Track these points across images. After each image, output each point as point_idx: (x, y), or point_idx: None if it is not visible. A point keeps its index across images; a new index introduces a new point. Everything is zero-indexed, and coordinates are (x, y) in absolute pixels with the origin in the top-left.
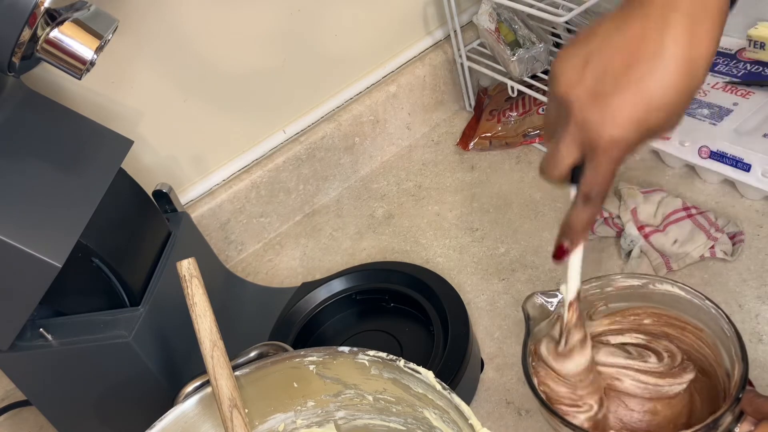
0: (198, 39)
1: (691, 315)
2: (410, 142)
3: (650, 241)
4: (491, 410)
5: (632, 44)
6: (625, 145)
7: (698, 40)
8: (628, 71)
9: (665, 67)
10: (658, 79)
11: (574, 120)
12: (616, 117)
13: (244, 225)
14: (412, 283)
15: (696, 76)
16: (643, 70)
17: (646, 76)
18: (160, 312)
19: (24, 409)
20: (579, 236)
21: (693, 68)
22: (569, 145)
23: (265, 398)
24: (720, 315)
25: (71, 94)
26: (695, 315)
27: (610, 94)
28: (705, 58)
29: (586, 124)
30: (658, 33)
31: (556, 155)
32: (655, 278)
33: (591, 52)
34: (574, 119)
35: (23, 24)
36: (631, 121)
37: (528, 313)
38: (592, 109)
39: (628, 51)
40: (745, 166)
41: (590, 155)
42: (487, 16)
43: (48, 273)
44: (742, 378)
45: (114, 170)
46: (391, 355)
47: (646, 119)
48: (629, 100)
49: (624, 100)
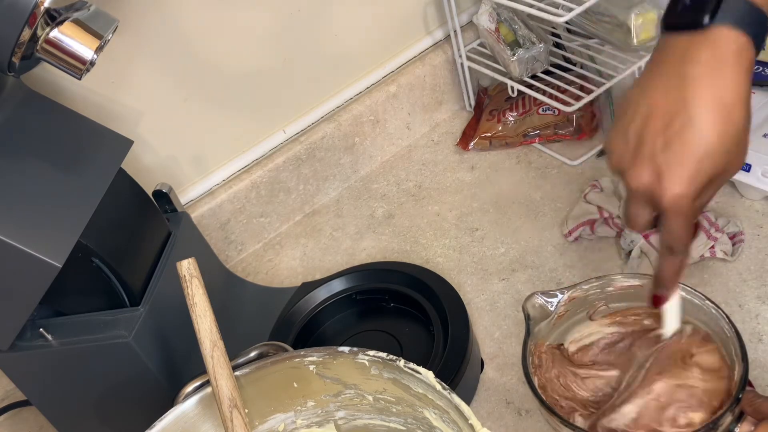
0: (198, 39)
1: (692, 315)
2: (410, 142)
3: (650, 241)
4: (491, 410)
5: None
6: (689, 198)
7: (722, 85)
8: (664, 132)
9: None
10: (693, 132)
11: (631, 188)
12: (668, 175)
13: (244, 225)
14: (412, 283)
15: (731, 118)
16: (676, 127)
17: (681, 131)
18: (160, 312)
19: (24, 409)
20: (671, 285)
21: (725, 112)
22: (637, 207)
23: (265, 398)
24: (720, 315)
25: (71, 94)
26: (695, 315)
27: (654, 157)
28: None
29: (645, 189)
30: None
31: (629, 216)
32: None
33: (628, 122)
34: (631, 188)
35: (23, 24)
36: (684, 175)
37: (528, 313)
38: (643, 175)
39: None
40: (745, 166)
41: (662, 214)
42: (487, 16)
43: (48, 273)
44: (742, 378)
45: (114, 170)
46: (391, 355)
47: (698, 169)
48: (675, 158)
49: (669, 158)
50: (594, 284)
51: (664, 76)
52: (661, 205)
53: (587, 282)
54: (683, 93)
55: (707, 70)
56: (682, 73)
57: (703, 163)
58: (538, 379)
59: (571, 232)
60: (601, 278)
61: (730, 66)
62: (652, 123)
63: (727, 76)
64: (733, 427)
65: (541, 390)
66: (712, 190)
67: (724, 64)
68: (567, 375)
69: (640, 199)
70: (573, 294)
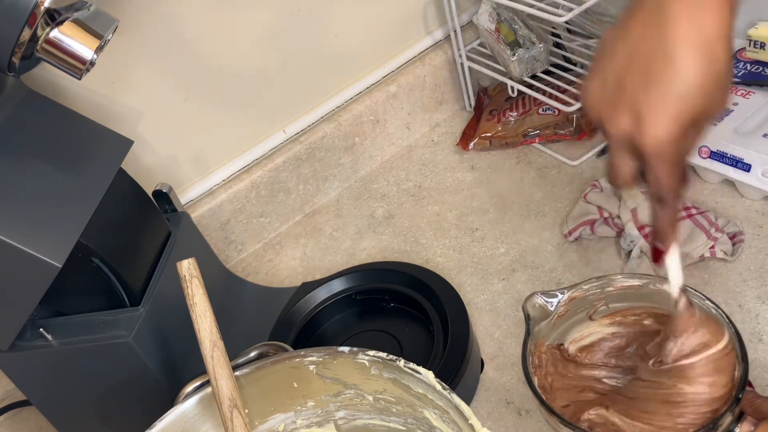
0: (198, 39)
1: None
2: (410, 142)
3: (650, 240)
4: (491, 410)
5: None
6: (672, 141)
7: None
8: (643, 75)
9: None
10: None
11: (613, 135)
12: (649, 119)
13: (244, 225)
14: (412, 283)
15: (715, 56)
16: (658, 68)
17: (663, 72)
18: (160, 312)
19: (24, 409)
20: (669, 236)
21: (708, 49)
22: (620, 157)
23: (265, 398)
24: (720, 315)
25: (71, 94)
26: None
27: (635, 100)
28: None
29: (627, 136)
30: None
31: (616, 169)
32: (656, 278)
33: (605, 66)
34: (613, 135)
35: (23, 24)
36: (666, 117)
37: (528, 313)
38: (625, 120)
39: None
40: (745, 166)
41: (646, 162)
42: (487, 16)
43: (48, 273)
44: (742, 379)
45: (114, 170)
46: (391, 355)
47: (680, 110)
48: (656, 99)
49: (650, 100)
50: (594, 284)
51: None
52: (644, 151)
53: (587, 282)
54: (663, 31)
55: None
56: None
57: (684, 103)
58: (538, 379)
59: (571, 232)
60: (601, 278)
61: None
62: (631, 65)
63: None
64: (733, 427)
65: (541, 390)
66: (695, 133)
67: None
68: (567, 375)
69: (622, 147)
70: (573, 294)
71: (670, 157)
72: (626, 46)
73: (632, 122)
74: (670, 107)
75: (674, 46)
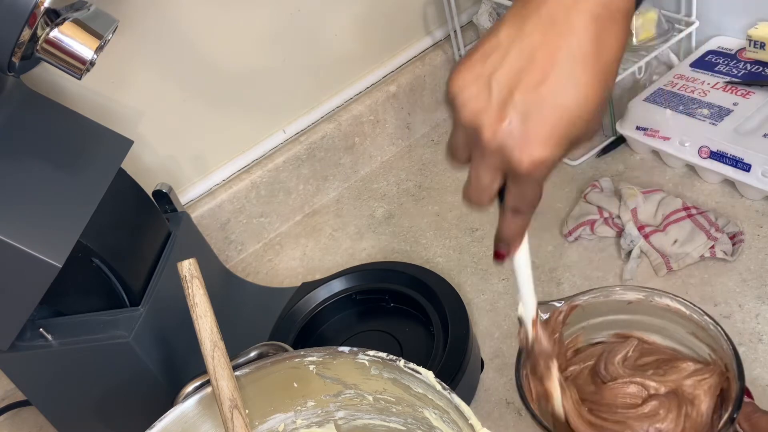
0: (198, 39)
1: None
2: (410, 142)
3: (650, 241)
4: (491, 410)
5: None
6: (550, 163)
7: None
8: (538, 87)
9: (578, 78)
10: (572, 92)
11: (488, 147)
12: (535, 138)
13: (244, 225)
14: (412, 283)
15: (608, 82)
16: (554, 84)
17: (560, 90)
18: (160, 312)
19: (24, 409)
20: (514, 243)
21: (605, 74)
22: (490, 172)
23: (265, 398)
24: (719, 332)
25: (71, 94)
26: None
27: (524, 114)
28: (615, 62)
29: (505, 150)
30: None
31: (478, 185)
32: (655, 291)
33: (493, 68)
34: (487, 146)
35: (23, 24)
36: (552, 140)
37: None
38: (507, 133)
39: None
40: (745, 166)
41: (513, 178)
42: (487, 16)
43: (48, 273)
44: (738, 398)
45: (114, 170)
46: (391, 355)
47: (566, 134)
48: (547, 119)
49: (540, 118)
50: (591, 295)
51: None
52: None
53: (585, 293)
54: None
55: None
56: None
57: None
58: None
59: (571, 232)
60: (599, 289)
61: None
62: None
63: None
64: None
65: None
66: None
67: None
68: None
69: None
70: (570, 304)
71: (543, 176)
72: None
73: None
74: (560, 129)
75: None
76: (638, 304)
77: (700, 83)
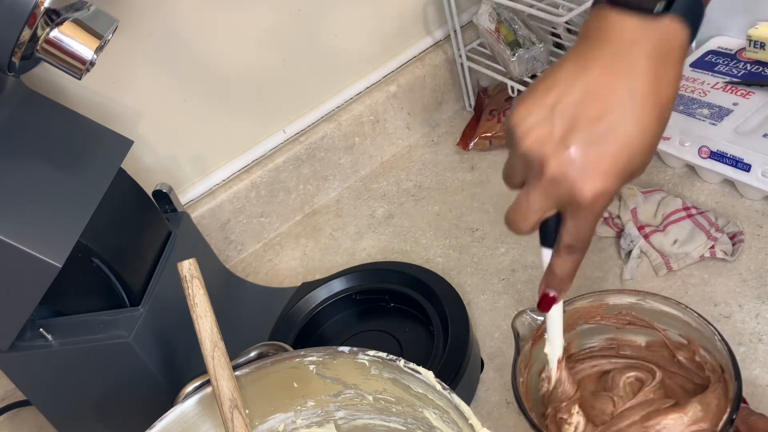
0: (198, 39)
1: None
2: (410, 142)
3: (650, 241)
4: (491, 410)
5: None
6: (609, 196)
7: (665, 82)
8: (601, 120)
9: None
10: (633, 127)
11: (548, 176)
12: (598, 169)
13: (244, 225)
14: (412, 283)
15: (666, 118)
16: (616, 119)
17: (621, 125)
18: (160, 312)
19: (24, 409)
20: (565, 284)
21: (663, 110)
22: (543, 200)
23: (265, 398)
24: (713, 332)
25: (71, 94)
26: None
27: (586, 147)
28: (673, 97)
29: (565, 181)
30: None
31: (527, 209)
32: (648, 294)
33: (555, 101)
34: (548, 176)
35: (23, 24)
36: (613, 172)
37: (517, 331)
38: (569, 163)
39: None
40: (745, 166)
41: (572, 210)
42: (487, 16)
43: (48, 273)
44: (736, 398)
45: (114, 170)
46: (391, 355)
47: (625, 168)
48: (608, 151)
49: (603, 151)
50: (586, 300)
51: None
52: (580, 201)
53: (580, 298)
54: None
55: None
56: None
57: (632, 161)
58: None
59: None
60: (592, 294)
61: (673, 61)
62: (587, 110)
63: (670, 73)
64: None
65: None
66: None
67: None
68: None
69: (551, 190)
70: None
71: (600, 209)
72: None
73: (577, 166)
74: (620, 162)
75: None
76: (631, 307)
77: (700, 83)
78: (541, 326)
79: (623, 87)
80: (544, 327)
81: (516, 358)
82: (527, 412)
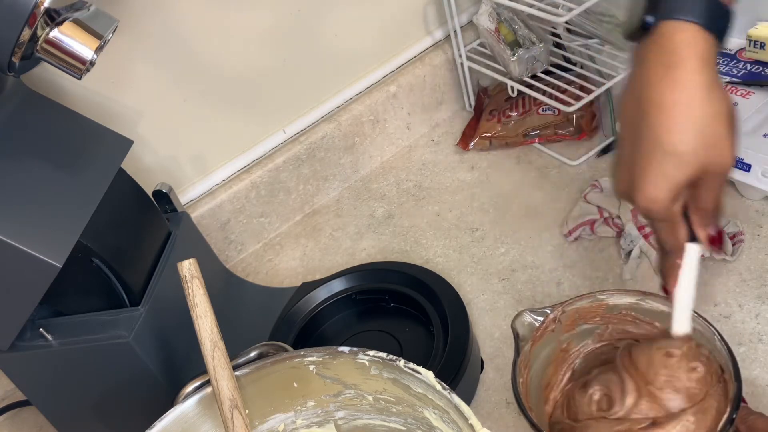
0: (198, 39)
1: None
2: (410, 142)
3: (650, 241)
4: (491, 410)
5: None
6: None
7: (673, 81)
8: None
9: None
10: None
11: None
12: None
13: (244, 225)
14: (412, 283)
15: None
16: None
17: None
18: (160, 312)
19: (24, 409)
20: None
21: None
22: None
23: (265, 398)
24: (713, 332)
25: (71, 94)
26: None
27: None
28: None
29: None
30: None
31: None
32: (648, 295)
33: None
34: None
35: (23, 24)
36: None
37: (517, 332)
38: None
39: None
40: (745, 166)
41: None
42: (487, 16)
43: (48, 273)
44: (736, 397)
45: (114, 170)
46: (391, 355)
47: (662, 173)
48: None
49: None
50: (586, 300)
51: (630, 84)
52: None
53: (579, 299)
54: (639, 98)
55: (657, 69)
56: (639, 77)
57: (665, 166)
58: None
59: (571, 232)
60: (592, 294)
61: (682, 60)
62: (623, 133)
63: (679, 71)
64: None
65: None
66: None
67: (675, 58)
68: None
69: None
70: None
71: (661, 215)
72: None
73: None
74: (652, 171)
75: (646, 111)
76: (631, 307)
77: None
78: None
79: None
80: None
81: (516, 358)
82: (527, 412)
